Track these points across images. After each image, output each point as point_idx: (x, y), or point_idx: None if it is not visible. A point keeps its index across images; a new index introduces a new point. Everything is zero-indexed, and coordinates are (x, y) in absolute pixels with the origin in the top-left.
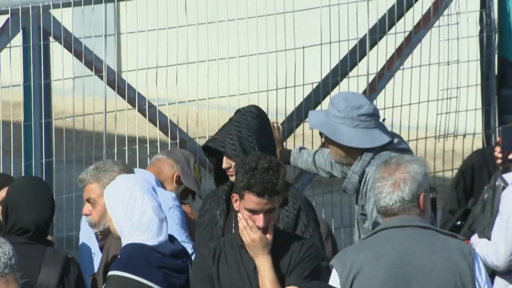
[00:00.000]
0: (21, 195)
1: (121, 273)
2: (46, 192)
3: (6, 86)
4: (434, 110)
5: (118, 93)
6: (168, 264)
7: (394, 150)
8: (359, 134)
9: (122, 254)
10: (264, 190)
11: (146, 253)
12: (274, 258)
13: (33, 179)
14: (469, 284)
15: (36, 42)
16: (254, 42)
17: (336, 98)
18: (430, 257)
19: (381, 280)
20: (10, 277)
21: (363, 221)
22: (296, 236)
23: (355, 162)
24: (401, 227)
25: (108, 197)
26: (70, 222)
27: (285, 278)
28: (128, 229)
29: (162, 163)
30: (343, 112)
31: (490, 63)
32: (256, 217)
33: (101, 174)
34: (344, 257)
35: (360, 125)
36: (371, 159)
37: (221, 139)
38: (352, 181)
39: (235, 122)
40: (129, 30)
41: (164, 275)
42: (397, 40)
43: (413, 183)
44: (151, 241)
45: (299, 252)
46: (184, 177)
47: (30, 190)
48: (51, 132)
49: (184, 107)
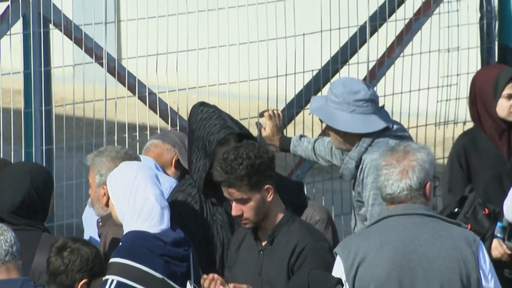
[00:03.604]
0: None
1: (122, 260)
2: (25, 177)
3: (6, 73)
4: (434, 97)
5: (119, 80)
6: (169, 252)
7: (393, 137)
8: (355, 120)
9: (124, 241)
10: (222, 180)
11: (148, 241)
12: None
13: (23, 164)
14: (473, 272)
15: (36, 29)
16: (254, 29)
17: (335, 83)
18: (435, 245)
19: (386, 268)
20: (11, 264)
21: (359, 208)
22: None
23: (353, 148)
24: (406, 215)
25: (111, 184)
26: (70, 209)
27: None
28: (131, 216)
29: (159, 148)
30: (339, 97)
31: (491, 50)
32: (232, 206)
33: (96, 159)
34: (349, 244)
35: (357, 110)
36: (368, 146)
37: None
38: (349, 167)
39: (222, 113)
40: (130, 17)
41: (165, 263)
42: (397, 27)
43: (421, 172)
44: (153, 229)
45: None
46: (183, 160)
47: (8, 174)
48: (51, 119)
49: (184, 94)
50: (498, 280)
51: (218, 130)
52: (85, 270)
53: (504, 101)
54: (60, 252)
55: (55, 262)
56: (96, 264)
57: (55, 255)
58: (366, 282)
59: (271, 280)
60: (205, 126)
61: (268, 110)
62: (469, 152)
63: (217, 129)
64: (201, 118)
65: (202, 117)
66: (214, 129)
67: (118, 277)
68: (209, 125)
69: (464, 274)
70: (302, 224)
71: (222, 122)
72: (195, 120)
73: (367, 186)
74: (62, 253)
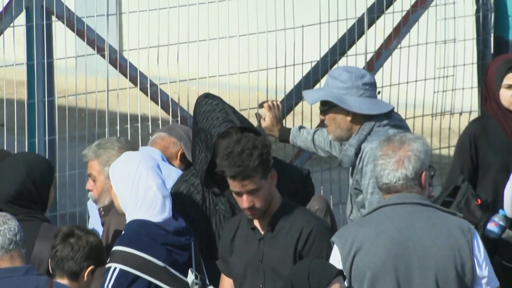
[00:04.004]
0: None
1: (125, 249)
2: (22, 167)
3: (10, 65)
4: (431, 88)
5: (120, 72)
6: (172, 241)
7: (392, 126)
8: (365, 102)
9: (126, 230)
10: (236, 173)
11: (151, 230)
12: (281, 233)
13: (21, 154)
14: (468, 260)
15: (39, 21)
16: (254, 21)
17: (336, 71)
18: (430, 233)
19: (382, 256)
20: (15, 253)
21: (356, 195)
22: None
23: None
24: (401, 204)
25: (114, 173)
26: (73, 198)
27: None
28: (133, 205)
29: (165, 141)
30: (347, 82)
31: (486, 42)
32: (240, 199)
33: (100, 151)
34: (345, 233)
35: (365, 93)
36: (368, 134)
37: (233, 119)
38: (348, 154)
39: (226, 105)
40: (131, 9)
41: (167, 252)
42: (394, 19)
43: (417, 161)
44: (155, 218)
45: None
46: (188, 153)
47: (5, 164)
48: (54, 110)
49: (185, 86)
50: (492, 268)
51: (219, 123)
52: (93, 257)
53: (504, 91)
54: (67, 239)
55: (63, 249)
56: (102, 252)
57: (62, 242)
58: (363, 270)
59: (275, 266)
60: (207, 118)
61: (267, 101)
62: (479, 138)
63: (219, 122)
64: (205, 111)
65: (205, 110)
66: (216, 122)
67: (121, 265)
68: (212, 118)
69: (459, 262)
70: (301, 209)
71: (224, 115)
72: (199, 112)
73: (367, 175)
74: (69, 239)
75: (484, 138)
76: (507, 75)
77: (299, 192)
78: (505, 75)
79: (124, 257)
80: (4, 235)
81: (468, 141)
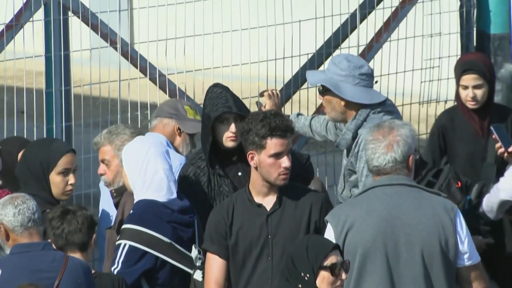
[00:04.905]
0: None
1: (134, 227)
2: (28, 150)
3: (29, 57)
4: (418, 78)
5: (131, 63)
6: (177, 219)
7: (386, 113)
8: (359, 91)
9: (135, 209)
10: (285, 130)
11: (157, 209)
12: (290, 208)
13: (39, 140)
14: (451, 237)
15: (56, 16)
16: (255, 16)
17: (337, 58)
18: (416, 212)
19: (372, 234)
20: (33, 230)
21: (349, 175)
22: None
23: (349, 120)
24: (390, 185)
25: (126, 154)
26: (88, 180)
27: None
28: (141, 186)
29: (160, 125)
30: (345, 71)
31: (470, 35)
32: (281, 160)
33: (113, 137)
34: (338, 213)
35: (360, 83)
36: (364, 120)
37: (231, 106)
38: (346, 137)
39: (228, 94)
40: (141, 5)
41: (173, 229)
42: (384, 14)
43: (405, 146)
44: (161, 198)
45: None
46: (182, 125)
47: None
48: (70, 99)
49: (191, 76)
50: (474, 245)
51: (217, 108)
52: (92, 226)
53: (461, 91)
54: (65, 216)
55: (69, 225)
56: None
57: (63, 220)
58: (354, 246)
59: (284, 240)
60: (210, 105)
61: (267, 90)
62: (447, 129)
63: (217, 108)
64: (210, 97)
65: (211, 97)
66: (215, 107)
67: (130, 242)
68: (213, 104)
69: (443, 239)
70: (305, 187)
71: (224, 102)
72: (206, 99)
73: (362, 159)
74: (66, 216)
75: (452, 128)
76: (462, 77)
77: (299, 176)
78: (460, 76)
79: (133, 234)
80: (24, 213)
81: (437, 132)
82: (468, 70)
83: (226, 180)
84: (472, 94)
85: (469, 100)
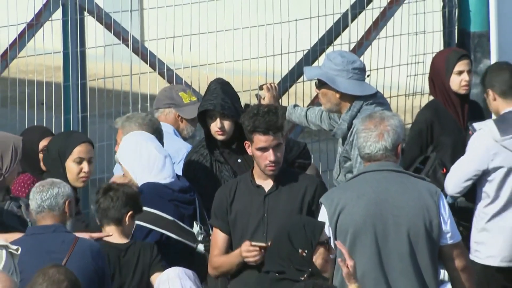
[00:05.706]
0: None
1: None
2: (52, 140)
3: (49, 53)
4: (404, 72)
5: (142, 59)
6: (178, 197)
7: (377, 104)
8: (352, 84)
9: (139, 191)
10: (268, 127)
11: (159, 190)
12: (286, 192)
13: (62, 132)
14: (435, 218)
15: (73, 16)
16: (255, 16)
17: (332, 54)
18: (403, 195)
19: (362, 215)
20: (50, 213)
21: (344, 162)
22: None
23: (344, 111)
24: (379, 170)
25: (120, 153)
26: (102, 166)
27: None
28: (141, 171)
29: (162, 116)
30: (339, 66)
31: (451, 33)
32: (267, 153)
33: (126, 123)
34: (331, 196)
35: (353, 77)
36: (358, 112)
37: (216, 104)
38: (342, 127)
39: (220, 91)
40: (151, 6)
41: (175, 207)
42: (374, 14)
43: (395, 135)
44: (162, 180)
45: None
46: (181, 112)
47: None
48: (86, 91)
49: (196, 71)
50: (456, 226)
51: (204, 103)
52: (130, 204)
53: (455, 76)
54: (107, 193)
55: (104, 201)
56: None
57: (103, 196)
58: (346, 227)
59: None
60: (203, 99)
61: (266, 84)
62: (433, 122)
63: (205, 103)
64: (206, 91)
65: (206, 91)
66: (203, 102)
67: (136, 221)
68: (204, 99)
69: (427, 220)
70: (301, 172)
71: (212, 98)
72: (205, 92)
73: (356, 147)
74: (108, 193)
75: (437, 121)
76: (458, 63)
77: (296, 162)
78: (456, 62)
79: (139, 214)
80: (43, 199)
81: (425, 126)
82: (464, 56)
83: (226, 166)
84: (468, 78)
85: (464, 84)
